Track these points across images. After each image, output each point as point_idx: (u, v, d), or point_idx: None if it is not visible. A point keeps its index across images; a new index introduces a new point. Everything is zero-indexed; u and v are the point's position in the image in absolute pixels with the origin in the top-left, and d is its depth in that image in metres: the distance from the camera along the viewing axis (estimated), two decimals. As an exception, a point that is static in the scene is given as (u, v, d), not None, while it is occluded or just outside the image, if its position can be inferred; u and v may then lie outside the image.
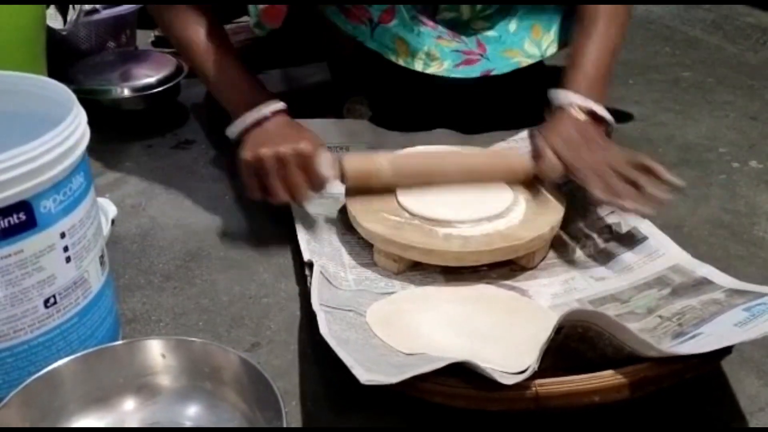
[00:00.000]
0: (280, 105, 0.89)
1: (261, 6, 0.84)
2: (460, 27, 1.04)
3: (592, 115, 0.88)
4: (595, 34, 0.93)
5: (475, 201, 0.85)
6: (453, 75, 0.98)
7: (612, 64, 0.93)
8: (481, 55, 1.01)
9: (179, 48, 0.96)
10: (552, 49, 1.03)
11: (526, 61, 1.02)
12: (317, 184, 0.85)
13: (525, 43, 1.03)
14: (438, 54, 0.98)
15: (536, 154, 0.88)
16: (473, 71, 0.99)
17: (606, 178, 0.81)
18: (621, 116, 1.22)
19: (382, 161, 0.86)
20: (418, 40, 0.96)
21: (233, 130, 0.89)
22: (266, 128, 0.87)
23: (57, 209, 0.57)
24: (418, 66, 0.97)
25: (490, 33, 1.03)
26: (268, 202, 0.85)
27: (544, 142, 0.86)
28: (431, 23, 1.00)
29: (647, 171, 0.80)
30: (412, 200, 0.85)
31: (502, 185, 0.88)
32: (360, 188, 0.86)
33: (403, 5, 0.96)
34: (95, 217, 0.64)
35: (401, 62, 0.97)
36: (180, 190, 1.01)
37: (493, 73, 1.00)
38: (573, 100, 0.88)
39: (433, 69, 0.98)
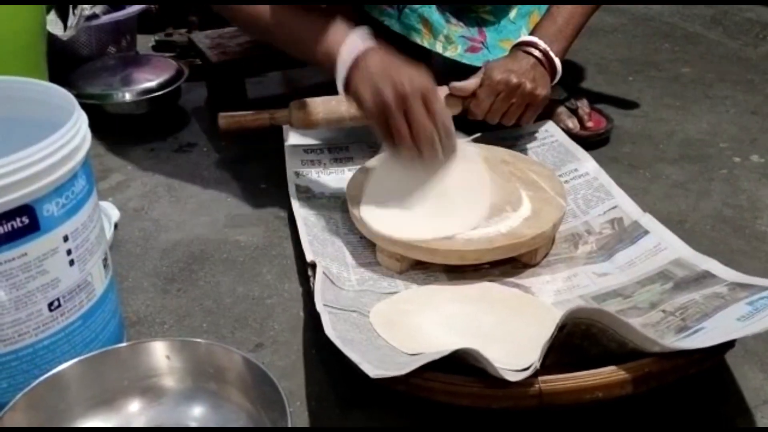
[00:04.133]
0: (368, 32, 0.83)
1: None
2: (463, 11, 1.04)
3: (546, 56, 0.94)
4: None
5: (459, 212, 0.83)
6: (464, 60, 1.01)
7: (581, 22, 0.98)
8: (482, 44, 1.03)
9: (255, 26, 0.90)
10: None
11: None
12: (444, 124, 0.80)
13: (521, 33, 1.04)
14: (453, 38, 1.00)
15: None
16: (477, 59, 1.01)
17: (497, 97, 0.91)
18: (625, 104, 1.23)
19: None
20: (439, 22, 0.98)
21: (339, 73, 0.81)
22: (370, 65, 0.80)
23: (59, 213, 0.58)
24: (439, 48, 0.99)
25: (490, 18, 1.05)
26: (395, 146, 0.80)
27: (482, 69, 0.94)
28: (439, 7, 1.01)
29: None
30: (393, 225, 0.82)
31: (477, 183, 0.87)
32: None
33: None
34: (98, 221, 0.64)
35: (425, 44, 0.98)
36: (182, 193, 1.01)
37: None
38: (530, 40, 0.95)
39: (450, 52, 1.00)
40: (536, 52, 0.94)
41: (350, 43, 0.81)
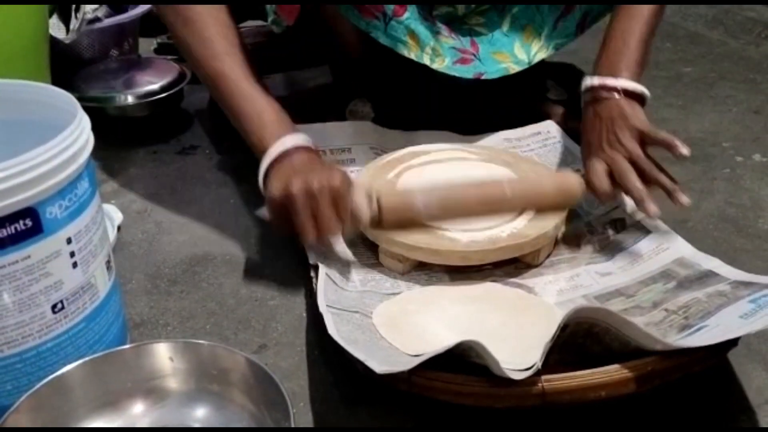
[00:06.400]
0: (304, 139, 0.83)
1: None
2: (455, 22, 1.04)
3: (622, 92, 0.84)
4: (624, 11, 0.89)
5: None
6: (451, 72, 0.99)
7: (647, 37, 0.88)
8: (474, 55, 1.02)
9: (199, 73, 0.90)
10: (541, 55, 1.03)
11: (514, 68, 1.02)
12: (352, 221, 0.77)
13: (515, 46, 1.03)
14: (440, 50, 0.99)
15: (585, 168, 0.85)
16: (467, 71, 1.00)
17: (627, 179, 0.79)
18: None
19: (419, 200, 0.80)
20: (426, 34, 0.97)
21: (262, 167, 0.81)
22: (292, 162, 0.80)
23: (63, 215, 0.58)
24: (426, 60, 0.97)
25: (483, 31, 1.04)
26: (295, 240, 0.80)
27: (585, 154, 0.85)
28: (430, 18, 1.01)
29: (666, 146, 0.80)
30: None
31: None
32: (396, 226, 0.80)
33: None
34: (101, 223, 0.64)
35: (412, 56, 0.97)
36: (185, 195, 1.01)
37: (484, 77, 1.00)
38: (595, 83, 0.86)
39: (437, 65, 0.98)
40: (605, 94, 0.85)
41: (283, 141, 0.81)
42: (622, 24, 0.89)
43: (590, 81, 0.87)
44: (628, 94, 0.85)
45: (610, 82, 0.85)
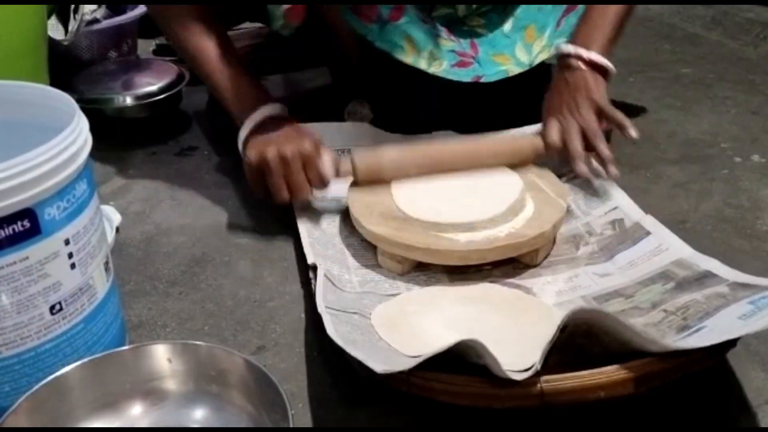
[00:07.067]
0: (280, 108, 0.93)
1: (284, 7, 0.85)
2: (455, 24, 1.04)
3: (590, 64, 0.93)
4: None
5: (480, 201, 0.84)
6: (449, 76, 0.99)
7: (620, 16, 0.96)
8: (473, 58, 1.02)
9: (183, 54, 0.98)
10: (543, 56, 1.04)
11: (514, 70, 1.03)
12: (320, 182, 0.88)
13: (516, 47, 1.03)
14: (438, 54, 0.99)
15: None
16: (466, 75, 1.00)
17: (570, 139, 0.89)
18: (633, 110, 1.22)
19: (389, 155, 0.89)
20: (423, 38, 0.97)
21: (241, 135, 0.91)
22: (269, 130, 0.90)
23: (61, 216, 0.58)
24: (423, 65, 0.98)
25: (484, 33, 1.04)
26: (270, 200, 0.89)
27: (546, 113, 0.94)
28: (429, 21, 1.01)
29: (618, 125, 0.90)
30: (413, 204, 0.84)
31: (509, 182, 0.87)
32: (369, 182, 0.88)
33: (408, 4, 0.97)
34: (99, 224, 0.64)
35: (409, 60, 0.97)
36: (184, 197, 1.01)
37: (483, 80, 1.00)
38: (569, 51, 0.94)
39: (434, 69, 0.98)
40: (575, 62, 0.93)
41: (260, 111, 0.91)
42: (602, 6, 0.97)
43: (565, 48, 0.95)
44: (596, 66, 0.93)
45: (583, 52, 0.93)
